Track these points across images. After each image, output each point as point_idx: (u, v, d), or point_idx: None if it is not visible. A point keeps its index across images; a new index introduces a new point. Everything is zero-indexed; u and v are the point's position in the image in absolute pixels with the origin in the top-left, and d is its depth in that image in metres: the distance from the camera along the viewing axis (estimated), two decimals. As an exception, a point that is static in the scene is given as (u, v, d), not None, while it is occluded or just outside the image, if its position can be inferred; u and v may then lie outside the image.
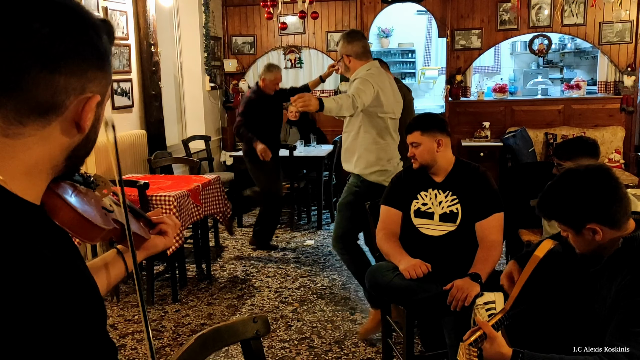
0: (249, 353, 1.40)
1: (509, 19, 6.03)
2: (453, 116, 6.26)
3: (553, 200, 1.58)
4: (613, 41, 5.86)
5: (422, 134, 2.43)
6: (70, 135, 0.68)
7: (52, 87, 0.63)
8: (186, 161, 4.62)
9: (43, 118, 0.65)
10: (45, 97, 0.63)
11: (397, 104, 3.12)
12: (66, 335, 0.61)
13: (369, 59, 3.09)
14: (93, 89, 0.68)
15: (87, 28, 0.66)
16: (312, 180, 5.43)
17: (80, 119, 0.68)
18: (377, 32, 8.49)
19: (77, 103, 0.67)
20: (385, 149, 3.02)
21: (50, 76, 0.63)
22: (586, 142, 2.74)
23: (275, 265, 4.27)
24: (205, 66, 6.03)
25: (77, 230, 0.78)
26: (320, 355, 2.88)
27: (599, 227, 1.50)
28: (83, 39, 0.66)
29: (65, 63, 0.64)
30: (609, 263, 1.55)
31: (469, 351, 1.53)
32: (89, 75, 0.67)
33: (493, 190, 2.44)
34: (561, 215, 1.57)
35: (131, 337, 3.09)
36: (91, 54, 0.67)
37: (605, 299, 1.53)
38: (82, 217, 0.78)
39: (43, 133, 0.65)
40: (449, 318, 2.24)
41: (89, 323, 0.66)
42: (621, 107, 5.95)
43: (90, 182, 0.87)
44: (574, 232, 1.56)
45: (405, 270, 2.26)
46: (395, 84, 3.20)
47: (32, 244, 0.62)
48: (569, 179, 1.56)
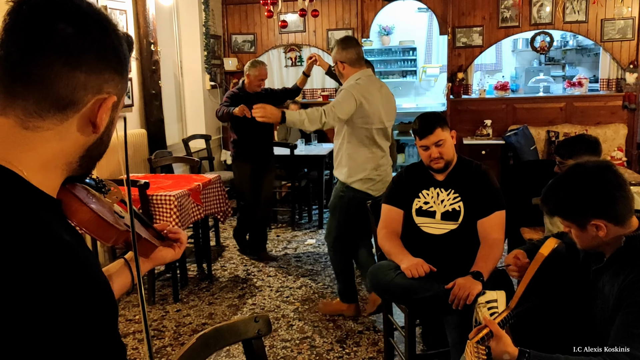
0: (251, 353, 1.40)
1: (510, 16, 6.01)
2: (454, 114, 6.25)
3: (558, 195, 1.57)
4: (615, 38, 5.83)
5: (443, 130, 2.40)
6: (86, 134, 0.72)
7: (72, 83, 0.68)
8: (187, 160, 4.61)
9: (62, 113, 0.68)
10: (66, 92, 0.68)
11: (387, 112, 3.10)
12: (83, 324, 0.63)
13: (362, 67, 3.11)
14: (110, 90, 0.72)
15: (108, 32, 0.71)
16: (313, 179, 5.42)
17: (96, 118, 0.71)
18: (378, 30, 8.47)
19: (95, 102, 0.70)
20: (370, 158, 3.05)
21: (72, 72, 0.67)
22: (588, 140, 2.72)
23: (277, 264, 4.26)
24: (205, 65, 6.02)
25: (94, 230, 0.81)
26: (321, 355, 2.87)
27: (603, 223, 1.49)
28: (104, 41, 0.71)
29: (86, 61, 0.68)
30: (611, 261, 1.54)
31: (477, 349, 1.52)
32: (106, 76, 0.71)
33: (495, 188, 2.42)
34: (566, 210, 1.56)
35: (132, 337, 3.09)
36: (111, 56, 0.72)
37: (607, 298, 1.52)
38: (99, 217, 0.81)
39: (60, 128, 0.69)
40: (451, 317, 2.23)
41: (104, 318, 0.67)
42: (623, 105, 5.93)
43: (102, 187, 0.90)
44: (577, 227, 1.55)
45: (407, 270, 2.25)
46: (387, 91, 3.17)
47: (53, 229, 0.65)
48: (575, 175, 1.55)
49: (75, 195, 0.79)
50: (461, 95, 6.25)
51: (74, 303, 0.62)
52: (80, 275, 0.64)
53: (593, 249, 1.58)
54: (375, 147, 3.06)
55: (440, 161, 2.42)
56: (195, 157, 4.91)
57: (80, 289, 0.63)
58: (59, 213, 0.72)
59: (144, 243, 1.00)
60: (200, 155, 5.62)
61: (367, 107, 2.96)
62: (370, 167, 3.05)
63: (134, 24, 4.70)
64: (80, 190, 0.82)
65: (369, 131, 3.02)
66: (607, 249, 1.55)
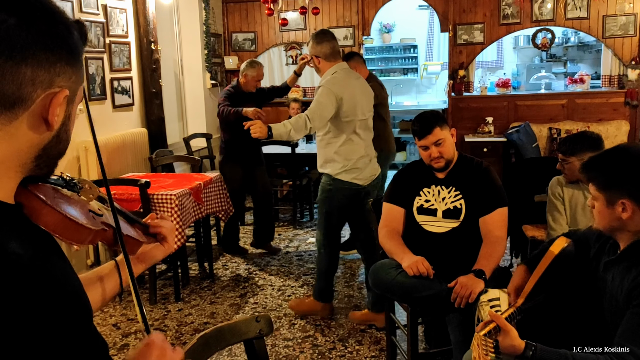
0: (252, 352, 1.39)
1: (511, 13, 5.99)
2: (456, 112, 6.23)
3: (602, 164, 1.56)
4: (617, 34, 5.81)
5: (442, 129, 2.39)
6: (39, 132, 0.67)
7: (18, 79, 0.62)
8: (187, 159, 4.61)
9: (9, 112, 0.63)
10: (12, 89, 0.62)
11: (366, 103, 3.15)
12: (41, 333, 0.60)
13: (337, 60, 3.11)
14: (61, 83, 0.67)
15: (55, 22, 0.66)
16: (314, 177, 5.41)
17: (48, 114, 0.66)
18: (378, 28, 8.45)
19: (45, 97, 0.65)
20: (353, 149, 3.06)
21: (16, 67, 0.61)
22: (590, 137, 2.71)
23: (278, 263, 4.25)
24: (205, 63, 6.01)
25: (63, 232, 0.75)
26: (324, 354, 2.87)
27: (631, 205, 1.48)
28: (51, 31, 0.65)
29: (32, 54, 0.62)
30: (625, 254, 1.53)
31: (485, 342, 1.51)
32: (57, 69, 0.66)
33: (496, 185, 2.41)
34: (604, 179, 1.54)
35: (134, 336, 3.08)
36: (60, 47, 0.66)
37: (617, 292, 1.50)
38: (66, 218, 0.75)
39: (9, 128, 0.64)
40: (453, 315, 2.22)
41: (69, 320, 0.64)
42: (625, 101, 5.91)
43: (74, 186, 0.84)
44: (605, 202, 1.53)
45: (408, 268, 2.24)
46: (364, 82, 3.21)
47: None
48: (625, 151, 1.55)
49: (37, 197, 0.73)
50: (462, 92, 6.23)
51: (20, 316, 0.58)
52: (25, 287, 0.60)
53: (610, 231, 1.56)
54: (358, 138, 3.08)
55: (440, 160, 2.40)
56: (196, 156, 4.90)
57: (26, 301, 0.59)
58: (14, 219, 0.67)
59: (126, 240, 0.93)
60: (201, 154, 5.60)
61: (347, 100, 2.99)
62: (355, 158, 3.06)
63: (134, 23, 4.69)
64: (46, 190, 0.76)
65: (351, 124, 3.03)
66: (622, 238, 1.54)
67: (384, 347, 2.82)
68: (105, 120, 4.29)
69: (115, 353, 2.89)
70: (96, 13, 4.17)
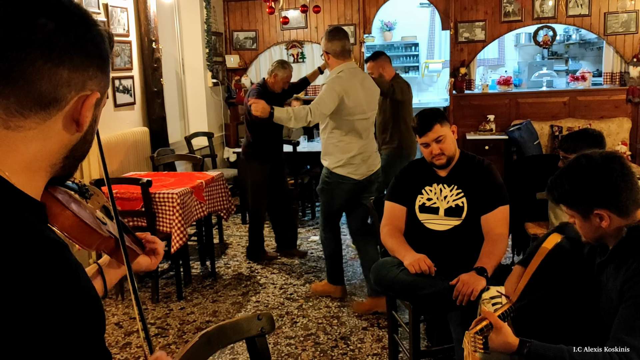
0: (254, 350, 1.40)
1: (513, 11, 5.98)
2: (457, 109, 6.23)
3: (563, 183, 1.56)
4: (618, 32, 5.80)
5: (442, 126, 2.39)
6: (70, 132, 0.70)
7: (55, 80, 0.65)
8: (189, 158, 4.61)
9: (44, 111, 0.66)
10: (48, 90, 0.65)
11: (369, 103, 3.23)
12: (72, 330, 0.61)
13: (347, 59, 3.22)
14: (93, 87, 0.70)
15: (90, 28, 0.69)
16: (316, 175, 5.41)
17: (79, 116, 0.69)
18: (380, 26, 8.44)
19: (78, 99, 0.68)
20: (350, 146, 3.19)
21: (54, 69, 0.65)
22: (592, 134, 2.71)
23: (280, 261, 4.26)
24: (207, 62, 6.01)
25: (77, 236, 0.78)
26: (326, 352, 2.87)
27: (607, 213, 1.48)
28: (87, 36, 0.68)
29: (69, 57, 0.66)
30: (614, 254, 1.53)
31: (474, 339, 1.53)
32: (90, 73, 0.69)
33: (498, 183, 2.41)
34: (570, 198, 1.55)
35: (136, 335, 3.09)
36: (93, 52, 0.69)
37: (611, 291, 1.51)
38: (83, 222, 0.78)
39: (43, 127, 0.67)
40: (455, 313, 2.22)
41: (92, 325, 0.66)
42: (627, 98, 5.90)
43: (85, 192, 0.87)
44: (581, 217, 1.54)
45: (410, 265, 2.24)
46: (369, 83, 3.30)
47: (43, 231, 0.63)
48: (581, 163, 1.54)
49: (57, 199, 0.75)
50: (464, 90, 6.22)
51: (67, 308, 0.60)
52: (73, 279, 0.62)
53: (596, 240, 1.58)
54: (357, 135, 3.20)
55: (441, 157, 2.40)
56: (198, 155, 4.91)
57: (73, 294, 0.61)
58: (43, 217, 0.70)
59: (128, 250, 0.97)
60: (203, 153, 5.61)
61: (348, 100, 3.09)
62: (352, 154, 3.18)
63: (135, 22, 4.70)
64: (63, 194, 0.79)
65: (351, 122, 3.16)
66: (610, 240, 1.55)
67: (386, 345, 2.83)
68: (106, 120, 4.29)
69: (117, 352, 2.90)
70: (97, 12, 4.17)
